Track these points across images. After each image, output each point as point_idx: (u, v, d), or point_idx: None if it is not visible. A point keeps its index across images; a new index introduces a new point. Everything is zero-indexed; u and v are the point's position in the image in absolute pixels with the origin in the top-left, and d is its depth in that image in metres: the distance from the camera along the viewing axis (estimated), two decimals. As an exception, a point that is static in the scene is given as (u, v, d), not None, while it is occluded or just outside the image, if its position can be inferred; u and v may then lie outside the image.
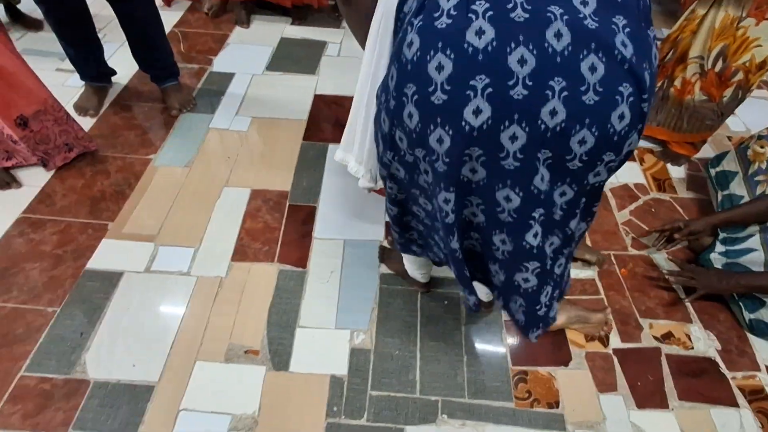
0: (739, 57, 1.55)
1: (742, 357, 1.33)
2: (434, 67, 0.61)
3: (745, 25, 1.50)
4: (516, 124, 0.61)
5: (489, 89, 0.59)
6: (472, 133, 0.63)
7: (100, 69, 1.93)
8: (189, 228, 1.55)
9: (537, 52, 0.57)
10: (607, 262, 1.53)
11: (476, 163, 0.68)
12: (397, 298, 1.41)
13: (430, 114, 0.65)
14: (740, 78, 1.59)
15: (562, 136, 0.61)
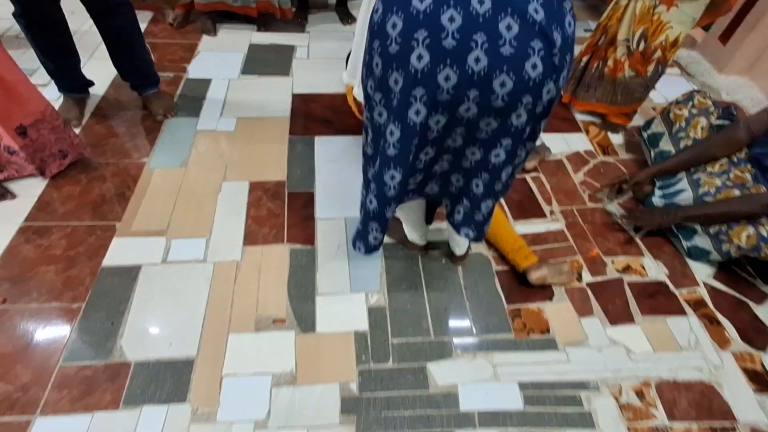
0: (656, 38, 1.88)
1: (685, 278, 1.63)
2: (390, 25, 0.80)
3: (659, 11, 1.83)
4: (449, 67, 0.80)
5: (427, 40, 0.78)
6: (417, 75, 0.82)
7: (78, 80, 1.97)
8: (197, 221, 1.64)
9: (463, 13, 0.76)
10: (572, 216, 1.79)
11: (419, 103, 0.86)
12: (400, 262, 1.59)
13: (387, 61, 0.84)
14: (659, 55, 1.92)
15: (486, 78, 0.80)
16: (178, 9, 2.60)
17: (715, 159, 1.63)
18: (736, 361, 1.42)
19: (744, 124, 1.59)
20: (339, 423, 1.21)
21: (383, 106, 0.93)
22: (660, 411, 1.30)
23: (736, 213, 1.49)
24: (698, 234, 1.61)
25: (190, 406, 1.21)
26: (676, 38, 1.86)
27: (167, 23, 2.61)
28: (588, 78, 2.14)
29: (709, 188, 1.59)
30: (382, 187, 1.03)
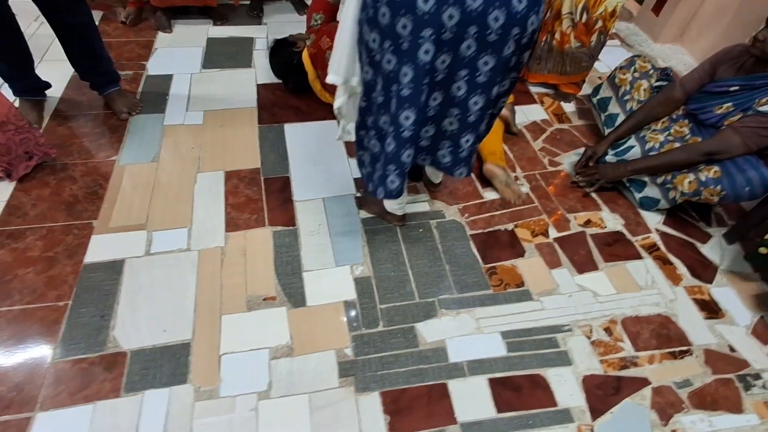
0: (596, 9, 2.03)
1: (639, 226, 1.79)
2: None
3: (597, -15, 1.98)
4: (451, 6, 0.93)
5: None
6: (424, 16, 0.93)
7: (34, 82, 1.91)
8: (176, 212, 1.65)
9: None
10: (535, 180, 1.92)
11: (428, 42, 0.97)
12: (380, 234, 1.66)
13: (395, 8, 0.94)
14: (600, 25, 2.07)
15: (483, 15, 0.94)
16: (129, 6, 2.54)
17: (658, 119, 1.79)
18: (688, 294, 1.59)
19: (679, 84, 1.75)
20: (338, 385, 1.28)
21: (392, 53, 1.02)
22: (627, 344, 1.44)
23: (678, 162, 1.65)
24: (648, 185, 1.77)
25: (191, 385, 1.25)
26: (614, 9, 2.02)
27: (119, 21, 2.56)
28: (539, 51, 2.27)
29: (654, 144, 1.75)
30: (398, 129, 1.11)
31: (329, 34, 1.88)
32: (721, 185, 1.57)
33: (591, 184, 1.87)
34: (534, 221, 1.76)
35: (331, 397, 1.26)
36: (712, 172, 1.59)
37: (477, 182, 1.89)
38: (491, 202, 1.82)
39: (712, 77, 1.67)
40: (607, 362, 1.39)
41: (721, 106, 1.62)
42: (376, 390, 1.28)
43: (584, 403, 1.30)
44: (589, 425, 1.26)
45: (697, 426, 1.28)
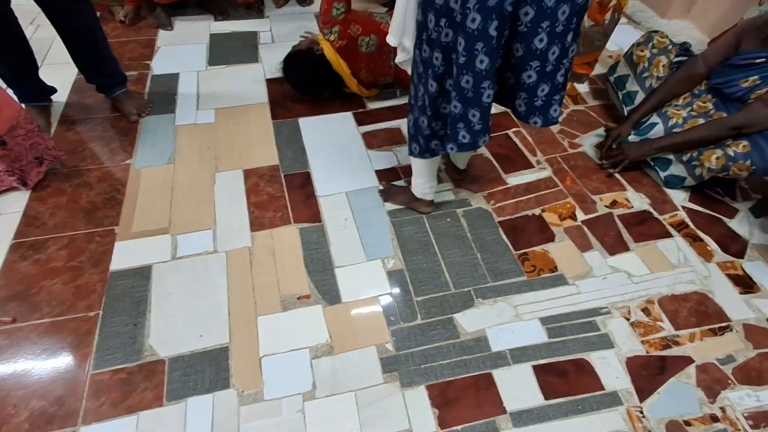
0: (611, -15, 1.99)
1: (665, 204, 1.78)
2: None
3: (610, -39, 1.94)
4: None
5: None
6: None
7: (39, 87, 1.85)
8: (198, 214, 1.61)
9: None
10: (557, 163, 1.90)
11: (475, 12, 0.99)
12: (408, 226, 1.63)
13: None
14: (614, 3, 2.03)
15: None
16: (127, 5, 2.47)
17: (680, 95, 1.77)
18: (721, 270, 1.58)
19: (701, 58, 1.73)
20: (383, 381, 1.26)
21: (449, 27, 1.06)
22: (666, 323, 1.43)
23: (705, 138, 1.64)
24: (673, 163, 1.75)
25: (235, 390, 1.22)
26: (629, -15, 1.98)
27: (118, 21, 2.49)
28: (550, 33, 2.23)
29: (677, 120, 1.73)
30: (461, 91, 1.15)
31: (357, 21, 1.83)
32: (750, 160, 1.55)
33: (615, 165, 1.85)
34: (560, 204, 1.74)
35: (377, 394, 1.24)
36: (741, 147, 1.57)
37: (500, 168, 1.86)
38: (516, 187, 1.79)
39: (736, 50, 1.65)
40: (649, 342, 1.38)
41: (746, 79, 1.59)
42: (422, 383, 1.27)
43: (630, 385, 1.29)
44: (638, 407, 1.25)
45: (745, 402, 1.28)
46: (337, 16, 1.83)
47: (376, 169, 1.82)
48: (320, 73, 1.92)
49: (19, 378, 1.22)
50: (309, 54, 1.91)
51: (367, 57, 1.88)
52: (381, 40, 1.85)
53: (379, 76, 1.98)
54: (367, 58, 1.88)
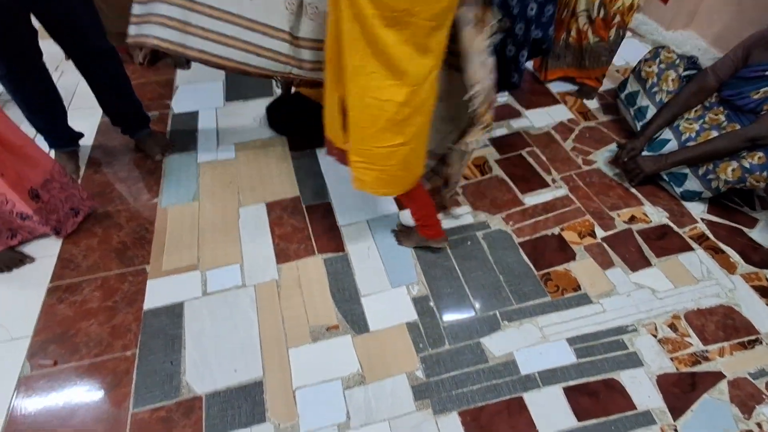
0: (614, 4, 2.03)
1: (684, 217, 1.79)
2: None
3: (613, -18, 1.99)
4: None
5: None
6: None
7: (68, 133, 1.94)
8: (225, 249, 1.66)
9: None
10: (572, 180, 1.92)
11: None
12: (430, 252, 1.66)
13: None
14: (618, 20, 2.08)
15: None
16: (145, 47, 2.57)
17: (692, 108, 1.80)
18: (746, 282, 1.58)
19: (711, 71, 1.76)
20: (416, 409, 1.28)
21: None
22: (694, 338, 1.43)
23: (721, 150, 1.65)
24: (688, 178, 1.77)
25: (271, 423, 1.25)
26: (632, 3, 2.02)
27: (137, 63, 2.58)
28: (557, 49, 2.28)
29: (690, 133, 1.75)
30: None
31: None
32: (767, 171, 1.57)
33: (632, 179, 1.86)
34: (579, 222, 1.76)
35: (411, 421, 1.25)
36: (756, 158, 1.58)
37: (516, 189, 1.89)
38: (533, 207, 1.82)
39: (746, 62, 1.67)
40: (678, 359, 1.38)
41: (758, 91, 1.62)
42: (454, 410, 1.28)
43: (663, 404, 1.29)
44: (672, 425, 1.25)
45: (782, 416, 1.27)
46: None
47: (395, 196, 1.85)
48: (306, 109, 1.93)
49: (63, 420, 1.25)
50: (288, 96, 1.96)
51: None
52: None
53: None
54: None
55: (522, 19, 1.51)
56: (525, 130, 2.16)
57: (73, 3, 1.52)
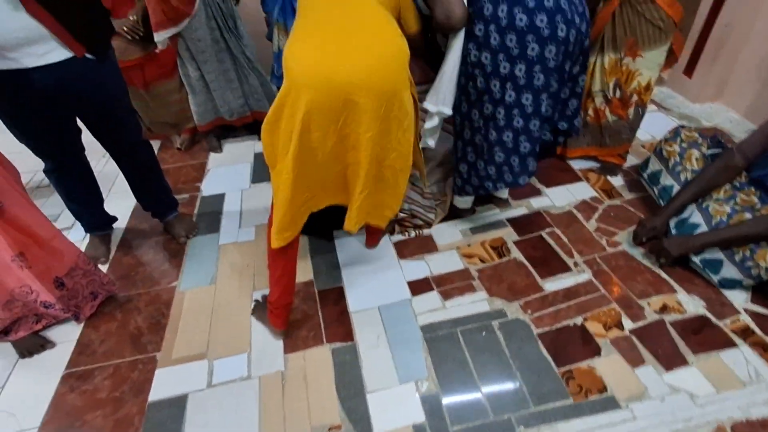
0: (630, 84, 2.03)
1: (724, 307, 1.63)
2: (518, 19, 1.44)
3: (626, 62, 2.00)
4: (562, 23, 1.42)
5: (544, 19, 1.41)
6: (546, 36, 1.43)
7: (103, 218, 2.07)
8: (235, 337, 1.66)
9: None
10: (596, 264, 1.82)
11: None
12: (442, 343, 1.59)
13: (523, 37, 1.44)
14: (636, 99, 2.06)
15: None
16: (183, 134, 2.79)
17: (717, 188, 1.70)
18: (803, 387, 1.39)
19: (738, 150, 1.68)
20: None
21: (512, 88, 1.50)
22: (744, 456, 1.25)
23: (756, 235, 1.53)
24: (724, 265, 1.63)
25: None
26: (648, 83, 2.01)
27: (175, 148, 2.79)
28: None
29: (721, 217, 1.64)
30: (530, 133, 1.57)
31: None
32: (813, 259, 1.43)
33: (660, 260, 1.75)
34: (604, 312, 1.64)
35: None
36: (799, 245, 1.45)
37: (535, 273, 1.81)
38: (554, 294, 1.72)
39: (774, 142, 1.59)
40: (726, 482, 1.20)
41: (791, 173, 1.52)
42: None
43: None
44: None
45: None
46: None
47: (408, 280, 1.82)
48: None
49: None
50: None
51: None
52: None
53: None
54: None
55: (536, 116, 1.55)
56: (545, 210, 2.11)
57: (111, 105, 1.67)
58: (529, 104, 1.52)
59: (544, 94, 1.50)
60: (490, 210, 2.12)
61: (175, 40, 2.37)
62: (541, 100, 1.51)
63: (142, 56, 2.47)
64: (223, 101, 2.60)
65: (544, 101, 1.51)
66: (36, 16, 1.33)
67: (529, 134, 1.57)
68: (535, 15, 1.40)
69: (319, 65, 1.13)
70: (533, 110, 1.52)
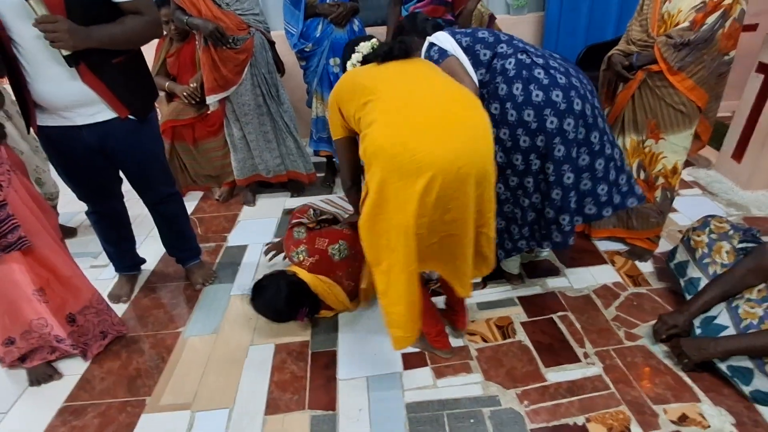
0: (654, 167, 1.94)
1: (757, 427, 1.41)
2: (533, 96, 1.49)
3: (648, 144, 1.93)
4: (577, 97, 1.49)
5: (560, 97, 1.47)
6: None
7: (133, 260, 2.23)
8: (222, 390, 1.66)
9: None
10: (609, 358, 1.66)
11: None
12: (425, 426, 1.49)
13: (561, 114, 1.48)
14: (663, 182, 1.96)
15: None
16: (223, 186, 3.00)
17: (749, 287, 1.53)
18: None
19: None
20: None
21: (536, 158, 1.54)
22: None
23: (789, 347, 1.34)
24: (756, 376, 1.43)
25: None
26: (674, 166, 1.92)
27: (215, 199, 3.00)
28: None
29: (752, 320, 1.46)
30: (553, 201, 1.59)
31: (321, 235, 1.91)
32: None
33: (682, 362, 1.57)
34: (611, 414, 1.48)
35: None
36: (843, 363, 1.25)
37: (539, 359, 1.69)
38: (556, 385, 1.58)
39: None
40: None
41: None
42: None
43: None
44: None
45: None
46: (300, 237, 1.93)
47: (403, 351, 1.76)
48: (297, 298, 1.77)
49: None
50: (281, 278, 1.79)
51: (343, 263, 1.88)
52: (351, 244, 1.87)
53: (360, 278, 1.92)
54: (344, 265, 1.88)
55: (558, 186, 1.54)
56: (561, 291, 1.99)
57: (147, 161, 1.85)
58: (551, 173, 1.52)
59: (565, 165, 1.50)
60: (501, 285, 2.04)
61: (223, 103, 2.63)
62: (562, 171, 1.50)
63: (195, 116, 2.77)
64: (262, 159, 2.79)
65: (566, 172, 1.51)
66: (90, 84, 1.55)
67: (552, 202, 1.57)
68: (550, 91, 1.44)
69: (435, 146, 1.17)
70: (555, 179, 1.52)
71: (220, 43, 2.34)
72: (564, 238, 1.63)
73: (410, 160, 1.16)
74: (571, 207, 1.56)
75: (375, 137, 1.22)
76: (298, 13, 2.51)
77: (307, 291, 1.80)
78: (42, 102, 1.57)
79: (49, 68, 1.48)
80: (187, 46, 2.76)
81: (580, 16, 3.12)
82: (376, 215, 1.26)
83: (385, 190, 1.21)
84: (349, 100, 1.40)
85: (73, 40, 1.38)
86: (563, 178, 1.52)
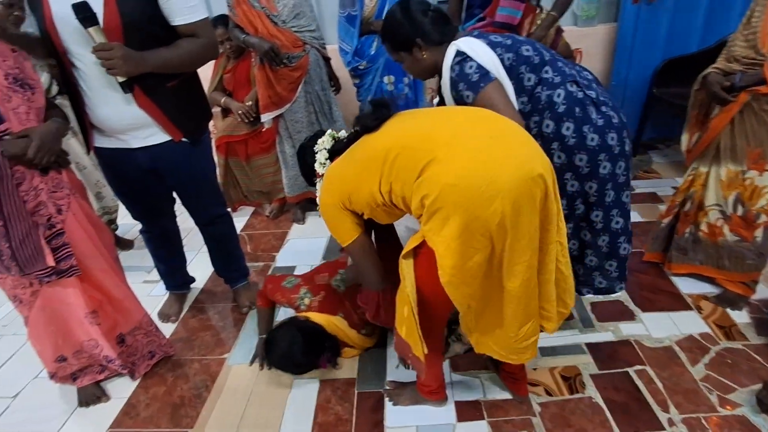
0: (755, 202, 1.68)
1: None
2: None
3: (750, 176, 1.67)
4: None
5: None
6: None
7: (183, 279, 2.23)
8: (263, 426, 1.59)
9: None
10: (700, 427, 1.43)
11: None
12: (482, 492, 1.33)
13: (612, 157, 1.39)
14: (765, 220, 1.69)
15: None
16: (274, 203, 2.98)
17: None
18: None
19: None
20: None
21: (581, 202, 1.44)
22: None
23: None
24: None
25: None
26: (780, 202, 1.65)
27: (265, 215, 2.98)
28: (681, 242, 1.93)
29: None
30: (599, 249, 1.50)
31: (319, 271, 1.87)
32: None
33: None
34: (705, 500, 1.25)
35: None
36: None
37: (612, 421, 1.48)
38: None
39: None
40: None
41: None
42: None
43: None
44: None
45: None
46: (295, 282, 1.82)
47: (457, 400, 1.61)
48: (315, 345, 1.65)
49: None
50: (293, 326, 1.68)
51: (349, 293, 1.76)
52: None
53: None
54: (350, 293, 1.75)
55: (606, 232, 1.45)
56: (638, 340, 1.76)
57: (199, 183, 1.83)
58: (600, 220, 1.44)
59: (614, 210, 1.42)
60: (568, 329, 1.84)
61: (276, 120, 2.60)
62: (611, 216, 1.43)
63: (249, 132, 2.76)
64: (312, 177, 2.74)
65: (615, 217, 1.43)
66: (144, 108, 1.54)
67: (597, 249, 1.49)
68: (605, 133, 1.34)
69: (502, 167, 1.06)
70: (603, 226, 1.44)
71: (274, 63, 2.32)
72: (610, 284, 1.57)
73: (487, 187, 1.04)
74: (620, 254, 1.49)
75: (440, 177, 1.06)
76: (353, 30, 2.44)
77: (324, 334, 1.68)
78: (99, 125, 1.58)
79: (107, 93, 1.48)
80: (243, 63, 2.77)
81: (660, 26, 2.83)
82: (465, 262, 1.09)
83: (469, 234, 1.06)
84: (373, 182, 1.17)
85: (127, 66, 1.36)
86: (611, 224, 1.44)
